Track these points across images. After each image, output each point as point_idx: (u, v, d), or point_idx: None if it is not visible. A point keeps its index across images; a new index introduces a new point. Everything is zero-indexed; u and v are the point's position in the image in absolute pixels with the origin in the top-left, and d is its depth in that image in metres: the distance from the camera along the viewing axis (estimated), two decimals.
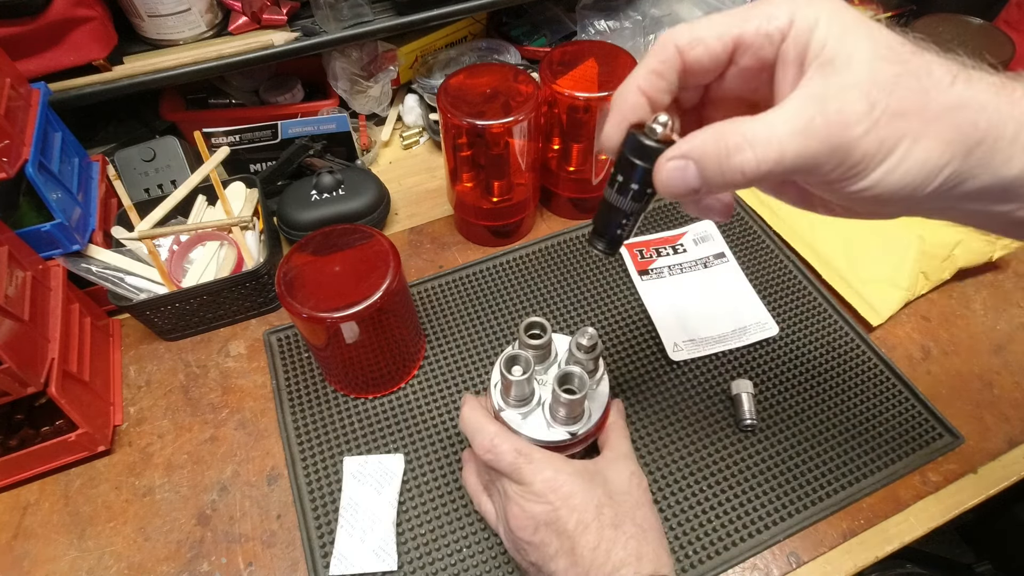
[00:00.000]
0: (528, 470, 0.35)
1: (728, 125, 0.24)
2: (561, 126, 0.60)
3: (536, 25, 0.81)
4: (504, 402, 0.39)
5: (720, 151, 0.24)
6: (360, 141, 0.72)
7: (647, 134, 0.26)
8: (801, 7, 0.24)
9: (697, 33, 0.26)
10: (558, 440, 0.38)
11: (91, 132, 0.70)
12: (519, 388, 0.38)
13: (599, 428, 0.40)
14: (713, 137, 0.24)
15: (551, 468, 0.35)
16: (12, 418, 0.49)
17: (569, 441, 0.38)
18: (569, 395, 0.36)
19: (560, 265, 0.62)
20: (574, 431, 0.38)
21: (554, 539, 0.34)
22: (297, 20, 0.67)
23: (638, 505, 0.36)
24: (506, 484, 0.36)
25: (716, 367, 0.53)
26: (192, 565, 0.45)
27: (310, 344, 0.49)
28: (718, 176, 0.24)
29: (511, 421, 0.38)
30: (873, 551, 0.44)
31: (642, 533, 0.34)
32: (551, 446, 0.38)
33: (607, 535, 0.33)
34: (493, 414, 0.39)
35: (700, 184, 0.25)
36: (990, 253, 0.58)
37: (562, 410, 0.37)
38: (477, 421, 0.38)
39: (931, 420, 0.50)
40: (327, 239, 0.48)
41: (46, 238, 0.51)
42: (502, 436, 0.36)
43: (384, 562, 0.43)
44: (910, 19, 0.80)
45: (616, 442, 0.39)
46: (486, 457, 0.36)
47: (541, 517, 0.34)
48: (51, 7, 0.54)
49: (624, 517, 0.34)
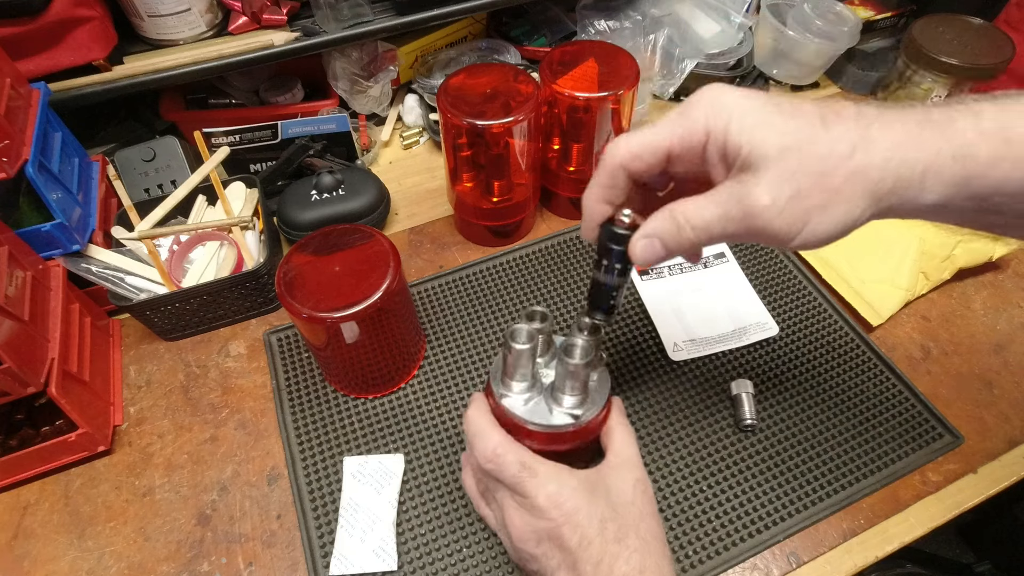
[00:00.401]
0: (531, 484, 0.34)
1: (676, 207, 0.31)
2: (561, 126, 0.60)
3: (536, 25, 0.81)
4: (506, 387, 0.39)
5: (672, 229, 0.31)
6: (360, 141, 0.72)
7: (617, 225, 0.34)
8: (712, 117, 0.29)
9: (634, 151, 0.32)
10: (561, 425, 0.37)
11: (91, 132, 0.70)
12: (522, 362, 0.37)
13: (602, 422, 0.40)
14: (665, 218, 0.31)
15: (555, 482, 0.34)
16: (12, 418, 0.49)
17: (572, 427, 0.38)
18: (573, 359, 0.35)
19: (560, 265, 0.62)
20: (577, 414, 0.38)
21: (557, 553, 0.34)
22: (297, 20, 0.67)
23: (642, 516, 0.35)
24: (506, 494, 0.36)
25: (716, 367, 0.53)
26: (192, 565, 0.45)
27: (310, 344, 0.49)
28: (676, 246, 0.31)
29: (513, 407, 0.38)
30: (873, 551, 0.44)
31: (645, 546, 0.34)
32: (554, 432, 0.37)
33: (610, 550, 0.33)
34: (494, 407, 0.39)
35: (665, 253, 0.32)
36: (990, 253, 0.58)
37: (567, 385, 0.37)
38: (481, 426, 0.37)
39: (931, 420, 0.50)
40: (327, 239, 0.48)
41: (46, 238, 0.51)
42: (506, 446, 0.36)
43: (384, 562, 0.43)
44: (910, 19, 0.80)
45: (620, 445, 0.38)
46: (488, 466, 0.36)
47: (544, 532, 0.34)
48: (51, 7, 0.54)
49: (628, 530, 0.34)
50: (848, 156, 0.27)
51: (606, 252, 0.34)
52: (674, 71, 0.74)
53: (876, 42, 0.80)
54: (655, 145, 0.32)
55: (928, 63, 0.65)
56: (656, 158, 0.32)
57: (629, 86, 0.56)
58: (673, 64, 0.74)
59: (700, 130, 0.30)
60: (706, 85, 0.31)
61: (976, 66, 0.63)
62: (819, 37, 0.72)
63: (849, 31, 0.72)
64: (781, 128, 0.28)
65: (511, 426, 0.38)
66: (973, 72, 0.64)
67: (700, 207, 0.30)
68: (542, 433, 0.38)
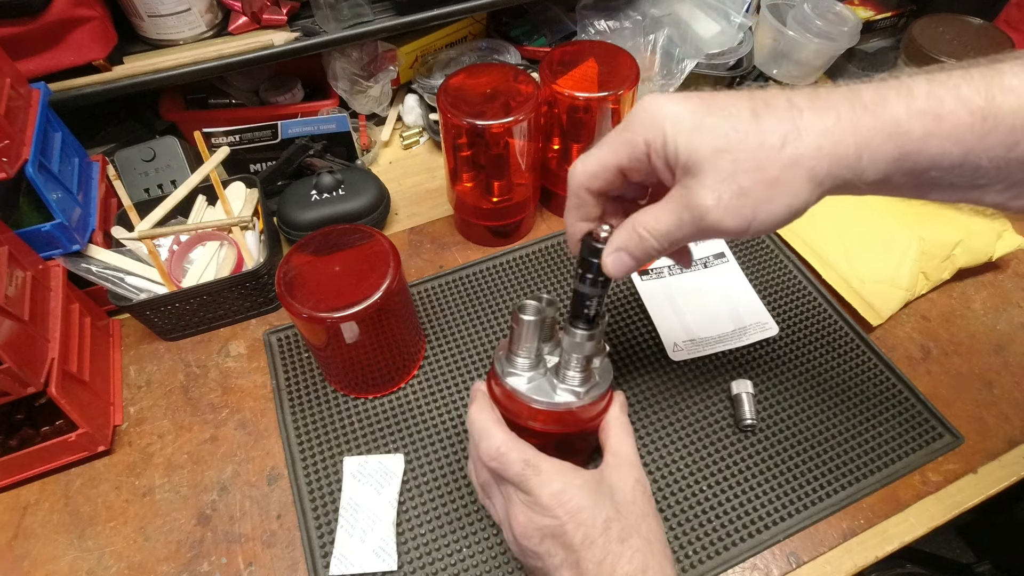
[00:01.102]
0: (535, 482, 0.34)
1: (636, 218, 0.32)
2: (561, 126, 0.60)
3: (536, 25, 0.81)
4: (511, 364, 0.39)
5: (635, 240, 0.32)
6: (360, 141, 0.72)
7: (596, 239, 0.35)
8: (648, 129, 0.30)
9: (590, 171, 0.34)
10: (565, 403, 0.38)
11: (91, 132, 0.70)
12: (528, 334, 0.38)
13: (603, 410, 0.40)
14: (628, 231, 0.33)
15: (559, 481, 0.34)
16: (12, 418, 0.49)
17: (575, 406, 0.38)
18: (585, 328, 0.37)
19: (560, 265, 0.62)
20: (579, 391, 0.38)
21: (560, 551, 0.34)
22: (297, 20, 0.66)
23: (643, 516, 0.36)
24: (511, 490, 0.36)
25: (716, 367, 0.53)
26: (192, 565, 0.45)
27: (310, 344, 0.49)
28: (643, 256, 0.33)
29: (517, 386, 0.38)
30: (873, 551, 0.44)
31: (648, 547, 0.34)
32: (557, 411, 0.38)
33: (613, 549, 0.33)
34: (498, 388, 0.39)
35: (635, 263, 0.33)
36: (990, 253, 0.58)
37: (572, 360, 0.38)
38: (485, 425, 0.37)
39: (931, 420, 0.50)
40: (327, 239, 0.48)
41: (46, 238, 0.51)
42: (509, 444, 0.36)
43: (384, 562, 0.43)
44: (910, 19, 0.80)
45: (619, 445, 0.39)
46: (491, 464, 0.36)
47: (547, 530, 0.34)
48: (51, 7, 0.54)
49: (631, 530, 0.34)
50: (780, 147, 0.28)
51: (586, 264, 0.36)
52: (674, 71, 0.74)
53: (876, 42, 0.80)
54: (605, 163, 0.33)
55: (928, 63, 0.65)
56: (611, 174, 0.33)
57: (629, 86, 0.56)
58: (673, 64, 0.74)
59: (640, 143, 0.31)
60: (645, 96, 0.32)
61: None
62: (819, 37, 0.72)
63: (849, 31, 0.72)
64: (713, 130, 0.29)
65: (514, 406, 0.39)
66: None
67: (656, 216, 0.32)
68: (545, 412, 0.38)
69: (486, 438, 0.36)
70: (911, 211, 0.61)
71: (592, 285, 0.36)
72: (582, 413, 0.39)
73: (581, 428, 0.40)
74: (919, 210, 0.61)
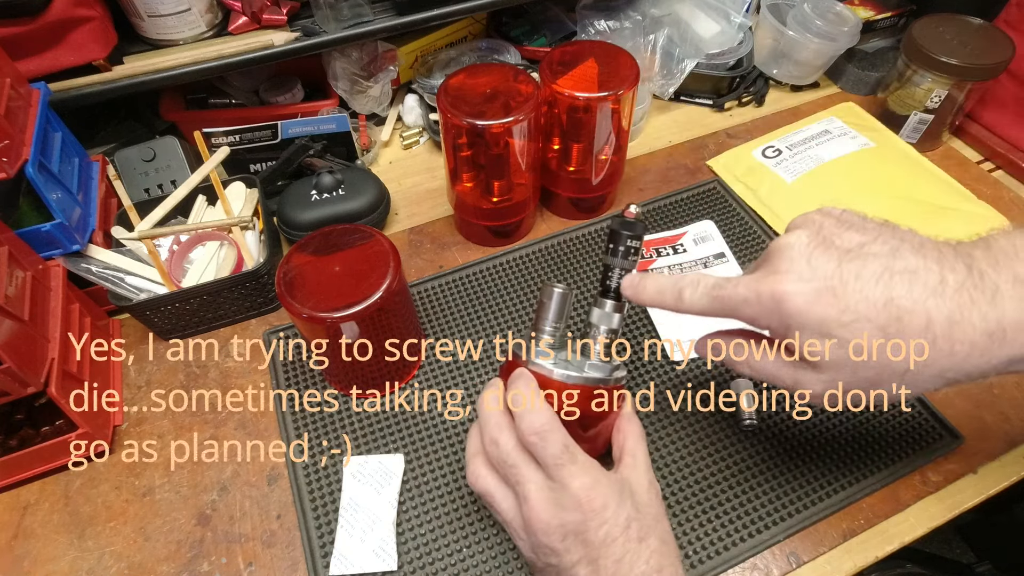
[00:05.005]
0: (569, 470, 0.34)
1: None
2: (561, 126, 0.60)
3: (536, 25, 0.81)
4: (538, 345, 0.40)
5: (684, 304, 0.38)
6: (360, 141, 0.72)
7: (625, 215, 0.40)
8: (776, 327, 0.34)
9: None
10: (596, 377, 0.37)
11: (91, 132, 0.70)
12: (557, 307, 0.40)
13: (619, 406, 0.40)
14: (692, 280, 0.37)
15: (590, 475, 0.34)
16: (12, 418, 0.49)
17: (607, 380, 0.38)
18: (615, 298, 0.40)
19: (560, 265, 0.62)
20: (607, 367, 0.39)
21: (579, 548, 0.34)
22: (297, 20, 0.66)
23: (658, 518, 0.36)
24: (533, 481, 0.35)
25: (716, 367, 0.53)
26: (192, 565, 0.45)
27: (310, 344, 0.49)
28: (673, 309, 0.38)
29: (543, 365, 0.37)
30: (873, 551, 0.44)
31: (664, 547, 0.34)
32: (587, 385, 0.37)
33: (631, 548, 0.33)
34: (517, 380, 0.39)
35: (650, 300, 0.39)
36: None
37: (603, 328, 0.40)
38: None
39: (931, 420, 0.50)
40: (327, 239, 0.48)
41: (46, 238, 0.51)
42: (554, 423, 0.35)
43: (384, 562, 0.43)
44: (910, 19, 0.80)
45: (636, 447, 0.39)
46: (531, 438, 0.35)
47: (571, 526, 0.34)
48: (51, 7, 0.54)
49: (649, 531, 0.34)
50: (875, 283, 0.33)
51: (615, 238, 0.40)
52: (674, 71, 0.74)
53: (876, 42, 0.80)
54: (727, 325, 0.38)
55: (928, 63, 0.65)
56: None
57: (629, 86, 0.56)
58: (673, 64, 0.74)
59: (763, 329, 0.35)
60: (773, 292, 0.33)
61: (976, 66, 0.63)
62: (819, 37, 0.72)
63: (849, 31, 0.72)
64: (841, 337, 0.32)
65: (544, 385, 0.37)
66: (973, 72, 0.64)
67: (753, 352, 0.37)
68: (579, 387, 0.37)
69: (533, 413, 0.35)
70: (912, 211, 0.61)
71: (620, 256, 0.40)
72: (609, 394, 0.38)
73: (603, 416, 0.39)
74: (920, 210, 0.61)
